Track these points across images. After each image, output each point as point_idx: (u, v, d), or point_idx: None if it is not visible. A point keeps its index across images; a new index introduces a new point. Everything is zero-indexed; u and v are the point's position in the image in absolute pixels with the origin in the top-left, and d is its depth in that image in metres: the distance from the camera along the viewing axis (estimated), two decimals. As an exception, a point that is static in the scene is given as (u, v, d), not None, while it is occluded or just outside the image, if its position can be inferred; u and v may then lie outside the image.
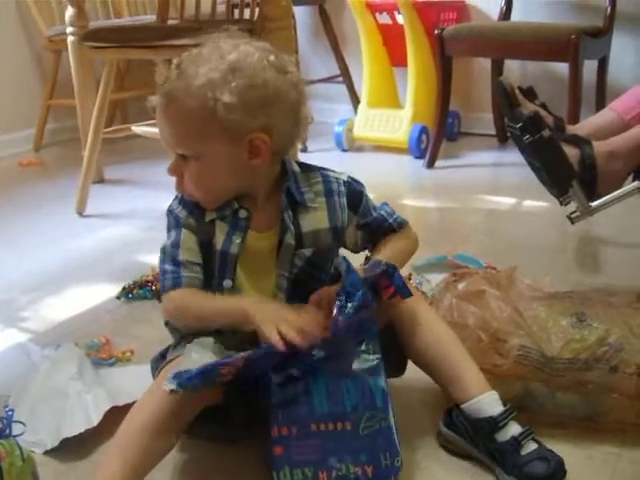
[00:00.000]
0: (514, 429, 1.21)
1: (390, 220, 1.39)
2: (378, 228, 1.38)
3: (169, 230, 1.32)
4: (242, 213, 1.29)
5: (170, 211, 1.33)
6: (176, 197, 1.33)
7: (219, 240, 1.29)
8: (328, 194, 1.32)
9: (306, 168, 1.35)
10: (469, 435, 1.25)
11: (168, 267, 1.29)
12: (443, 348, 1.31)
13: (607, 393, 1.31)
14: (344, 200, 1.33)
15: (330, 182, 1.33)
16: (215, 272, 1.30)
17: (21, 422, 1.25)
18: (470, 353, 1.31)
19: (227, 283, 1.30)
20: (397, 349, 1.34)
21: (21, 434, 1.23)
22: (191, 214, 1.30)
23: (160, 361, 1.35)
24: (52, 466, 1.30)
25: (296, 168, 1.34)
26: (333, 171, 1.37)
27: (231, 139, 1.22)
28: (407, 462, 1.27)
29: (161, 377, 1.20)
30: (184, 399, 1.12)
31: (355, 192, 1.35)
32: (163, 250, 1.31)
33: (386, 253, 1.35)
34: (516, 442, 1.19)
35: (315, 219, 1.31)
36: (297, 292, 1.32)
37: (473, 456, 1.26)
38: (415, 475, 1.25)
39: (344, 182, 1.34)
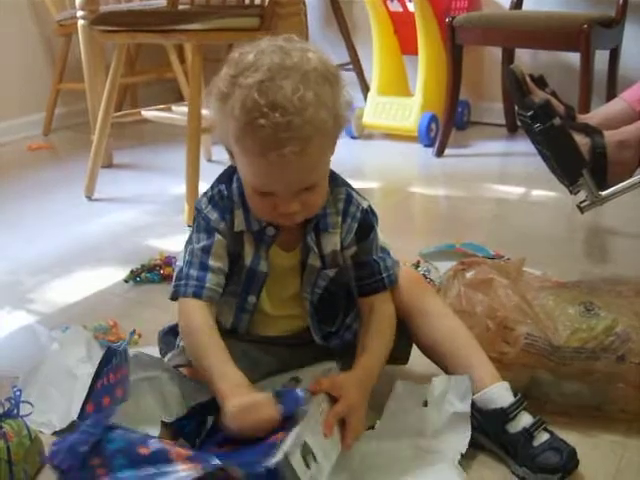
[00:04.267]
0: (525, 420, 1.21)
1: (384, 275, 1.31)
2: (368, 278, 1.31)
3: (198, 231, 1.27)
4: (270, 231, 1.26)
5: (198, 210, 1.27)
6: (205, 194, 1.28)
7: (248, 254, 1.27)
8: (344, 214, 1.28)
9: (334, 181, 1.29)
10: (481, 427, 1.24)
11: (193, 272, 1.24)
12: (454, 341, 1.31)
13: (613, 383, 1.31)
14: (354, 225, 1.29)
15: (350, 204, 1.29)
16: (241, 286, 1.29)
17: (29, 402, 1.26)
18: (478, 341, 1.32)
19: (251, 299, 1.30)
20: (402, 338, 1.34)
21: (29, 414, 1.24)
22: (223, 219, 1.25)
23: (169, 336, 1.37)
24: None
25: None
26: (358, 193, 1.31)
27: (332, 151, 1.21)
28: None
29: None
30: None
31: (367, 224, 1.30)
32: (191, 252, 1.26)
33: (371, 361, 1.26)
34: (527, 433, 1.19)
35: (333, 240, 1.29)
36: (323, 311, 1.33)
37: (485, 448, 1.26)
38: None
39: (362, 209, 1.29)
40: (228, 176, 1.28)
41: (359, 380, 1.21)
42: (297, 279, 1.30)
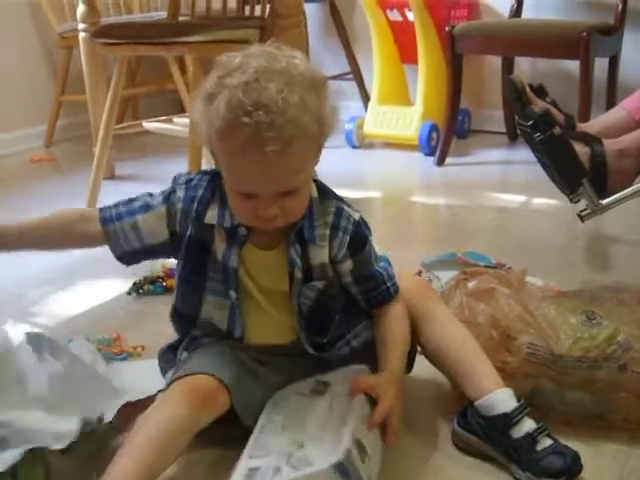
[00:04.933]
0: (528, 425, 1.21)
1: (388, 284, 1.33)
2: (375, 290, 1.33)
3: (162, 192, 1.31)
4: (242, 230, 1.26)
5: (174, 179, 1.32)
6: (189, 173, 1.31)
7: (219, 249, 1.27)
8: (334, 228, 1.28)
9: (324, 194, 1.29)
10: (484, 433, 1.25)
11: (122, 208, 1.30)
12: (459, 347, 1.32)
13: (616, 392, 1.31)
14: (347, 238, 1.28)
15: (341, 217, 1.28)
16: (220, 282, 1.29)
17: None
18: (481, 350, 1.32)
19: (232, 294, 1.29)
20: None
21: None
22: (184, 202, 1.27)
23: (169, 354, 1.38)
24: (65, 461, 1.30)
25: (314, 192, 1.28)
26: (349, 205, 1.31)
27: (318, 155, 1.21)
28: (418, 459, 1.28)
29: (174, 389, 1.20)
30: (200, 408, 1.15)
31: (360, 236, 1.30)
32: (138, 197, 1.31)
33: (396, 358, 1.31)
34: (531, 438, 1.20)
35: (322, 253, 1.28)
36: (315, 322, 1.32)
37: (487, 455, 1.26)
38: (426, 472, 1.26)
39: (354, 221, 1.29)
40: (215, 171, 1.29)
41: (393, 381, 1.24)
42: (285, 279, 1.29)
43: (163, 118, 2.94)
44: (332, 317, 1.34)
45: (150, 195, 1.31)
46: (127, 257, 1.32)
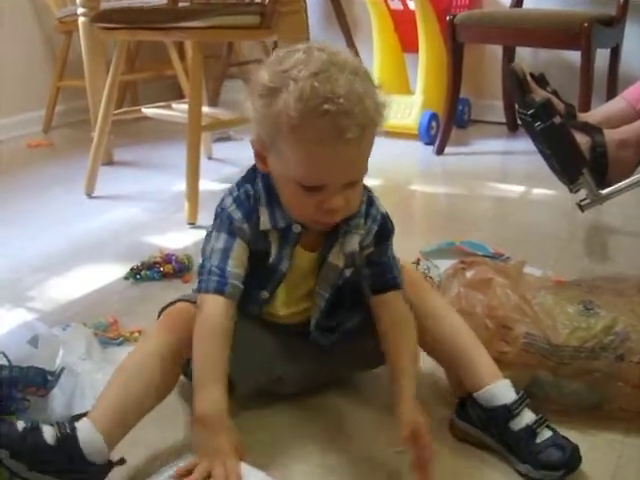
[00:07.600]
0: (528, 417, 1.21)
1: (395, 274, 1.32)
2: (382, 275, 1.32)
3: (219, 230, 1.24)
4: (296, 228, 1.25)
5: (223, 209, 1.25)
6: (230, 193, 1.25)
7: (273, 253, 1.26)
8: (366, 217, 1.30)
9: None
10: (483, 425, 1.25)
11: (215, 269, 1.21)
12: (458, 340, 1.32)
13: (613, 382, 1.31)
14: (375, 227, 1.30)
15: (372, 206, 1.31)
16: (256, 279, 1.27)
17: (27, 400, 1.26)
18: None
19: (264, 294, 1.30)
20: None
21: (26, 409, 1.24)
22: (247, 218, 1.23)
23: None
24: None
25: None
26: (377, 198, 1.33)
27: None
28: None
29: (165, 317, 1.30)
30: (169, 332, 1.24)
31: (386, 229, 1.32)
32: (211, 250, 1.23)
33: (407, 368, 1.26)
34: (530, 430, 1.20)
35: (355, 241, 1.29)
36: (332, 309, 1.35)
37: (486, 446, 1.26)
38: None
39: (382, 214, 1.32)
40: (253, 175, 1.27)
41: (415, 406, 1.19)
42: (313, 279, 1.31)
43: (162, 104, 2.93)
44: (345, 302, 1.37)
45: (212, 241, 1.25)
46: None
